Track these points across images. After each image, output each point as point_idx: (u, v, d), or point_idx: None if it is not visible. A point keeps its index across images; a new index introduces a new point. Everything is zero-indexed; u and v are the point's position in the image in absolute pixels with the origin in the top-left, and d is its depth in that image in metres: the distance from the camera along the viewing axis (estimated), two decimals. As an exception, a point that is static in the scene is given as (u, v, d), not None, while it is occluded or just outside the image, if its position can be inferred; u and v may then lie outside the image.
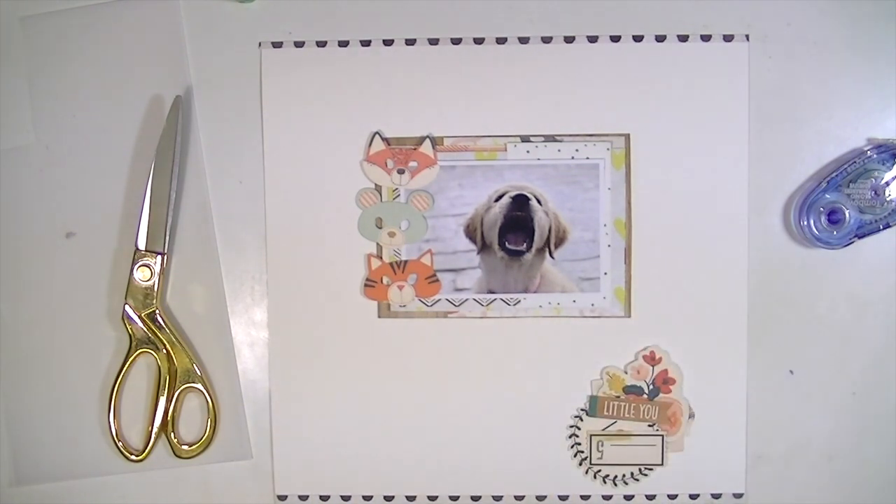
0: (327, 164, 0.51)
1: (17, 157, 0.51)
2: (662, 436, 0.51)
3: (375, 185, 0.51)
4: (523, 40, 0.50)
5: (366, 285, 0.51)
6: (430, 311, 0.51)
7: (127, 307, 0.49)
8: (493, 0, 0.50)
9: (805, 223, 0.49)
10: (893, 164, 0.48)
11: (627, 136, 0.50)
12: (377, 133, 0.50)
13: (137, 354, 0.50)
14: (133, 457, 0.50)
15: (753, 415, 0.51)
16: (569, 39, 0.50)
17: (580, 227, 0.51)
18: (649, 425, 0.51)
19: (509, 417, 0.51)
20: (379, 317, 0.51)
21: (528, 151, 0.50)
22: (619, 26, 0.50)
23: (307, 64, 0.50)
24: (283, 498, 0.52)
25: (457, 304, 0.51)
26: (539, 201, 0.50)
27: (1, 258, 0.51)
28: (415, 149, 0.50)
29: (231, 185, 0.51)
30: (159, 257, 0.49)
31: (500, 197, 0.51)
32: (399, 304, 0.51)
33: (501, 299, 0.51)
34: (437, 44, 0.50)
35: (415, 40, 0.50)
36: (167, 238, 0.49)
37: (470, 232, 0.51)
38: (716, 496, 0.51)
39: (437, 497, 0.51)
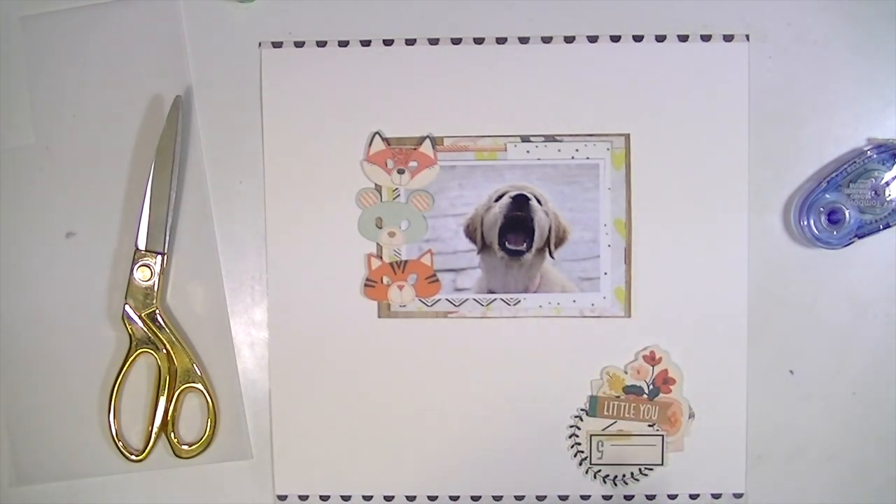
0: (327, 164, 0.51)
1: (17, 157, 0.51)
2: (662, 436, 0.51)
3: (375, 185, 0.51)
4: (523, 40, 0.50)
5: (366, 285, 0.51)
6: (430, 311, 0.51)
7: (127, 307, 0.49)
8: (493, 0, 0.50)
9: (805, 223, 0.49)
10: (893, 164, 0.48)
11: (627, 136, 0.50)
12: (377, 133, 0.50)
13: (137, 354, 0.50)
14: (133, 457, 0.50)
15: (753, 415, 0.51)
16: (569, 39, 0.50)
17: (580, 227, 0.51)
18: (649, 425, 0.51)
19: (509, 417, 0.51)
20: (379, 317, 0.51)
21: (528, 151, 0.50)
22: (619, 26, 0.50)
23: (307, 64, 0.50)
24: (283, 498, 0.52)
25: (457, 304, 0.51)
26: (539, 201, 0.50)
27: (1, 258, 0.51)
28: (415, 149, 0.50)
29: (231, 185, 0.51)
30: (159, 257, 0.49)
31: (500, 197, 0.51)
32: (399, 304, 0.51)
33: (501, 299, 0.51)
34: (437, 44, 0.50)
35: (415, 40, 0.50)
36: (167, 238, 0.49)
37: (470, 232, 0.51)
38: (716, 496, 0.51)
39: (437, 497, 0.51)
